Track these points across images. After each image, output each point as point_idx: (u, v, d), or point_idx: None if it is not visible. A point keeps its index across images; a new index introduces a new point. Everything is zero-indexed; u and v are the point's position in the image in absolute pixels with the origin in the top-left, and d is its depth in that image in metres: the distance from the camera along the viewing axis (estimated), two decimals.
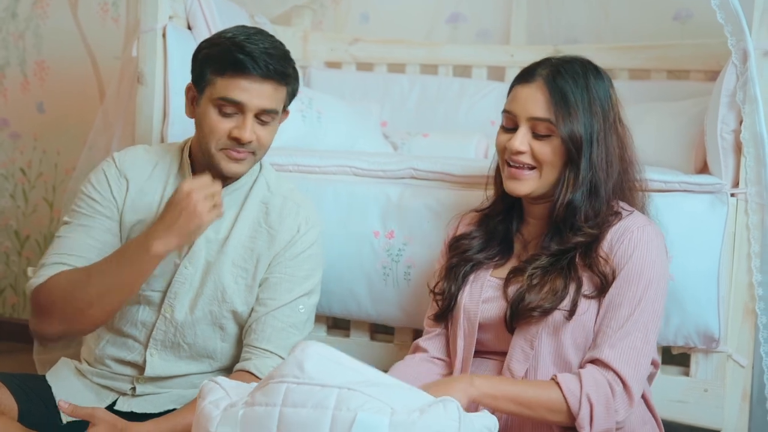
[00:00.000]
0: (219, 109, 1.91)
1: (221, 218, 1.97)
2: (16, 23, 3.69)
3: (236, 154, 1.93)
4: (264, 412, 1.39)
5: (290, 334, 1.99)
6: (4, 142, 3.74)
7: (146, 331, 2.03)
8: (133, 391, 2.03)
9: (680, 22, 3.06)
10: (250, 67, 1.88)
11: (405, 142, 2.98)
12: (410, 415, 1.36)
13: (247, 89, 1.89)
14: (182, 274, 2.00)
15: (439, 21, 3.40)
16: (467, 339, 1.86)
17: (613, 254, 1.75)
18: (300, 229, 2.03)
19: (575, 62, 1.84)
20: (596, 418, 1.64)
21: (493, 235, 1.91)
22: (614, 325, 1.71)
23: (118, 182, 2.02)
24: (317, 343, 1.48)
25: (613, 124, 1.81)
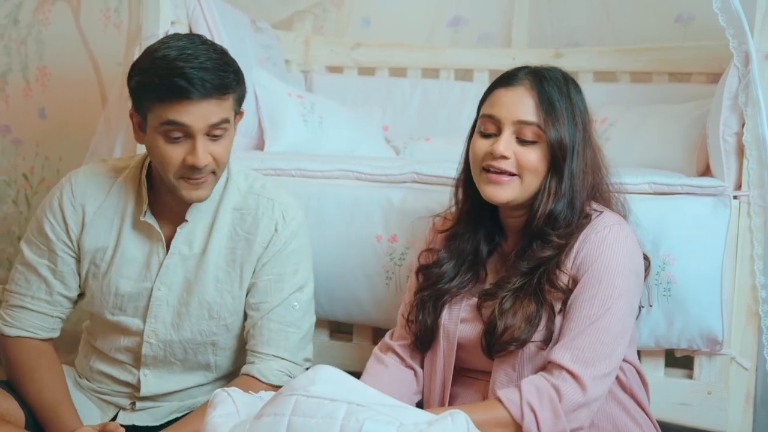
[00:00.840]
0: (165, 135, 1.78)
1: (192, 232, 1.94)
2: (18, 29, 3.69)
3: (195, 180, 1.83)
4: (272, 421, 1.39)
5: (289, 334, 1.96)
6: (7, 148, 3.74)
7: (134, 355, 2.00)
8: (132, 406, 2.02)
9: (682, 25, 3.06)
10: (187, 90, 1.74)
11: (407, 146, 2.98)
12: (418, 426, 1.36)
13: (189, 112, 1.76)
14: (158, 297, 1.96)
15: (441, 25, 3.40)
16: (446, 359, 1.84)
17: (576, 257, 1.73)
18: (278, 227, 1.96)
19: (556, 70, 1.81)
20: (543, 423, 1.63)
21: (461, 258, 1.87)
22: (572, 326, 1.69)
23: (74, 210, 1.96)
24: (329, 367, 1.48)
25: (589, 136, 1.79)
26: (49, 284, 1.98)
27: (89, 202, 1.97)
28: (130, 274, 1.96)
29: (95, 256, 1.97)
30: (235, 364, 2.04)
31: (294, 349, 1.97)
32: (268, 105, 2.81)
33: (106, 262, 1.97)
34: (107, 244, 1.96)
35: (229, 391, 1.55)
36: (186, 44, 1.79)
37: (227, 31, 2.69)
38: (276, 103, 2.82)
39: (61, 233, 1.97)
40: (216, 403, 1.52)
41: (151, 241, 1.96)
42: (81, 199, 1.97)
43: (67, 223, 1.97)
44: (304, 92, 3.06)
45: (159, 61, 1.76)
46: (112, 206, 1.97)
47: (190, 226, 1.95)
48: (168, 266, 1.95)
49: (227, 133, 1.85)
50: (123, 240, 1.96)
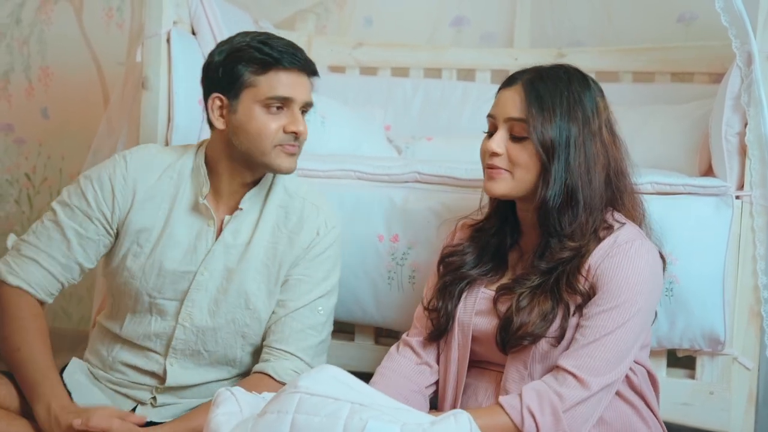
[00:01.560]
0: (267, 108, 1.92)
1: (242, 222, 1.99)
2: (20, 29, 3.69)
3: (291, 148, 1.95)
4: (276, 418, 1.39)
5: (309, 336, 1.98)
6: (9, 148, 3.75)
7: (164, 342, 2.01)
8: (153, 401, 2.01)
9: (684, 25, 3.06)
10: (289, 61, 1.90)
11: (409, 146, 2.98)
12: (421, 426, 1.36)
13: (292, 84, 1.92)
14: (199, 281, 1.98)
15: (443, 24, 3.40)
16: (461, 351, 1.86)
17: (597, 269, 1.73)
18: (320, 231, 2.02)
19: (560, 68, 1.84)
20: (543, 428, 1.64)
21: (485, 250, 1.90)
22: (586, 334, 1.71)
23: (125, 187, 2.00)
24: (332, 367, 1.48)
25: (596, 132, 1.78)
26: (71, 248, 1.99)
27: (141, 181, 2.01)
28: (175, 255, 1.98)
29: (139, 236, 1.99)
30: (256, 361, 2.04)
31: (311, 352, 1.99)
32: None
33: (152, 243, 1.99)
34: (153, 225, 1.99)
35: (233, 390, 1.55)
36: (265, 34, 1.98)
37: (229, 31, 2.68)
38: None
39: (104, 205, 1.99)
40: (219, 402, 1.52)
41: (201, 225, 1.99)
42: (134, 176, 2.01)
43: (116, 196, 1.99)
44: None
45: (252, 40, 1.93)
46: (163, 189, 2.01)
47: (243, 214, 1.99)
48: (214, 252, 1.98)
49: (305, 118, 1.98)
50: (173, 222, 1.99)
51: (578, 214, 1.76)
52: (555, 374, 1.69)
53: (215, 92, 1.95)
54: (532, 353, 1.75)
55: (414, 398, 1.87)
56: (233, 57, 1.92)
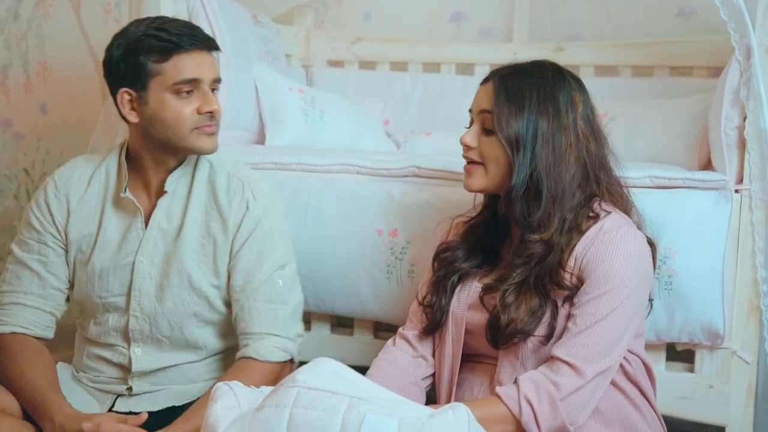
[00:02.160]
0: (177, 93, 1.90)
1: (171, 204, 2.00)
2: (18, 24, 3.69)
3: (209, 128, 1.94)
4: (274, 412, 1.39)
5: (277, 310, 1.99)
6: (8, 143, 3.74)
7: (122, 334, 2.03)
8: (129, 390, 2.04)
9: (683, 19, 3.06)
10: (189, 42, 1.90)
11: (408, 140, 2.98)
12: (419, 419, 1.36)
13: (197, 64, 1.91)
14: (140, 270, 2.00)
15: (442, 19, 3.40)
16: (455, 344, 1.86)
17: (583, 258, 1.74)
18: (248, 205, 2.01)
19: (535, 64, 1.85)
20: (541, 417, 1.64)
21: (476, 244, 1.91)
22: (577, 323, 1.71)
23: (58, 203, 2.03)
24: (330, 360, 1.48)
25: (569, 126, 1.78)
26: (41, 277, 2.02)
27: (72, 192, 2.04)
28: (111, 253, 2.01)
29: (81, 243, 2.03)
30: (225, 342, 2.06)
31: (285, 325, 1.99)
32: (269, 99, 2.81)
33: (90, 247, 2.02)
34: (91, 230, 2.02)
35: (231, 385, 1.55)
36: (156, 18, 1.97)
37: (228, 25, 2.69)
38: (277, 98, 2.82)
39: (48, 225, 2.03)
40: (217, 396, 1.52)
41: (130, 217, 2.01)
42: (65, 190, 2.04)
43: (53, 215, 2.03)
44: (304, 86, 3.05)
45: (147, 29, 1.91)
46: (94, 194, 2.04)
47: (169, 197, 2.00)
48: (148, 239, 1.99)
49: (217, 93, 1.97)
50: (104, 221, 2.02)
51: (543, 206, 1.76)
52: (550, 364, 1.70)
53: (122, 87, 1.93)
54: (524, 348, 1.76)
55: (411, 390, 1.88)
56: (133, 49, 1.90)
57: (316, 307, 2.38)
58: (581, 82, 1.86)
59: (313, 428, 1.37)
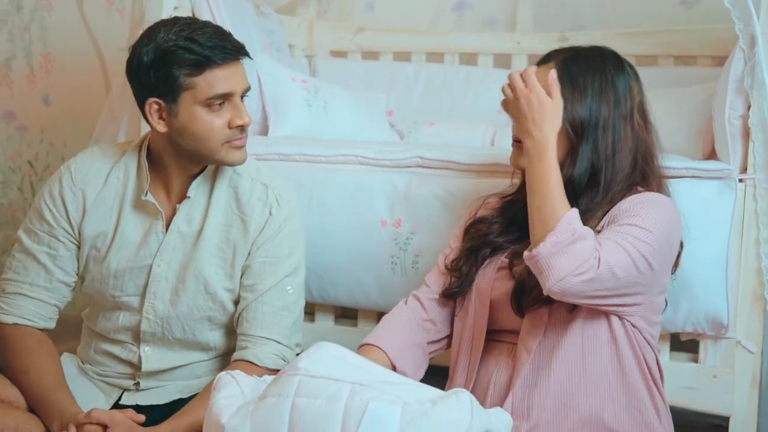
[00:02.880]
0: (209, 108, 1.87)
1: (192, 208, 1.97)
2: (21, 16, 3.68)
3: (239, 141, 1.91)
4: (276, 402, 1.40)
5: (282, 317, 1.98)
6: (12, 135, 3.74)
7: (133, 333, 2.03)
8: (137, 386, 2.04)
9: (687, 7, 3.05)
10: (221, 57, 1.86)
11: (411, 131, 2.97)
12: (422, 405, 1.36)
13: (230, 77, 1.87)
14: (157, 273, 1.98)
15: (445, 9, 3.39)
16: (478, 318, 1.86)
17: (616, 210, 1.76)
18: (272, 210, 2.00)
19: (596, 50, 1.86)
20: (558, 250, 1.65)
21: (513, 220, 1.91)
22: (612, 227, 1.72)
23: (74, 197, 2.00)
24: (330, 344, 1.49)
25: (627, 115, 1.80)
26: (49, 270, 2.00)
27: (89, 188, 2.00)
28: (127, 255, 1.99)
29: (96, 240, 2.00)
30: (234, 342, 2.05)
31: (288, 333, 1.99)
32: (272, 90, 2.81)
33: (106, 245, 1.99)
34: (108, 228, 1.99)
35: (233, 374, 1.56)
36: (189, 21, 1.91)
37: (230, 16, 2.68)
38: (280, 88, 2.82)
39: (62, 220, 1.99)
40: (220, 386, 1.52)
41: (150, 219, 1.99)
42: (81, 185, 2.00)
43: (68, 209, 1.99)
44: (308, 77, 3.05)
45: (177, 38, 1.84)
46: (112, 191, 2.00)
47: (191, 202, 1.97)
48: (168, 243, 1.98)
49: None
50: (123, 221, 1.99)
51: (596, 196, 1.78)
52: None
53: (151, 96, 1.88)
54: (549, 316, 1.76)
55: (414, 352, 1.89)
56: (164, 59, 1.84)
57: (320, 298, 2.39)
58: (636, 71, 1.87)
59: (316, 417, 1.37)
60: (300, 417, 1.37)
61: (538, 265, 1.66)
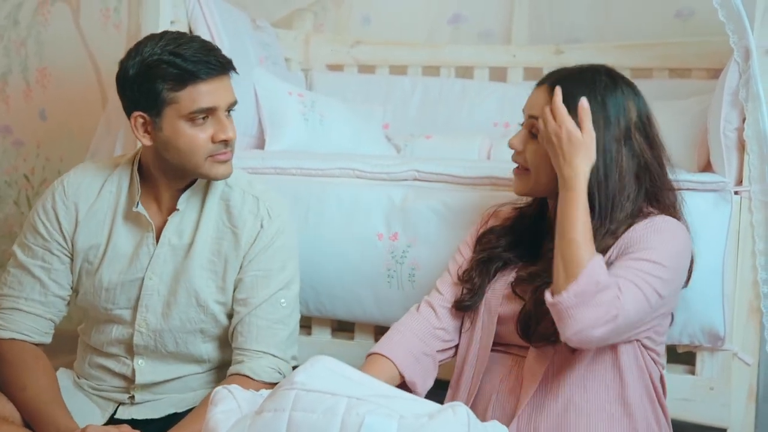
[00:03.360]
0: (192, 121, 1.87)
1: (182, 221, 1.98)
2: (17, 30, 3.69)
3: (223, 156, 1.91)
4: (273, 416, 1.39)
5: (277, 331, 1.98)
6: (8, 150, 3.75)
7: (126, 346, 2.03)
8: (131, 399, 2.04)
9: (682, 20, 3.06)
10: (206, 72, 1.85)
11: (408, 144, 2.98)
12: (419, 419, 1.36)
13: (213, 91, 1.87)
14: (148, 287, 1.99)
15: (441, 22, 3.40)
16: (485, 333, 1.86)
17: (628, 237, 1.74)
18: (263, 223, 1.99)
19: (589, 70, 1.83)
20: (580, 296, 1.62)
21: (522, 235, 1.91)
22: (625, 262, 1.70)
23: (66, 210, 2.01)
24: (326, 358, 1.48)
25: (622, 137, 1.77)
26: (44, 284, 2.00)
27: (82, 201, 2.01)
28: (119, 267, 1.99)
29: (88, 253, 2.01)
30: (228, 355, 2.04)
31: (283, 346, 1.98)
32: (269, 104, 2.81)
33: (98, 258, 2.00)
34: (100, 241, 2.00)
35: (230, 388, 1.55)
36: (175, 36, 1.89)
37: (227, 30, 2.69)
38: (276, 102, 2.82)
39: (55, 233, 2.00)
40: (217, 401, 1.52)
41: (141, 232, 1.99)
42: (74, 199, 2.01)
43: (61, 222, 2.00)
44: (304, 90, 3.05)
45: (162, 53, 1.84)
46: (104, 204, 2.01)
47: (180, 215, 1.98)
48: (159, 256, 1.98)
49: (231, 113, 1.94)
50: (114, 234, 1.99)
51: (594, 219, 1.74)
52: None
53: (136, 110, 1.89)
54: (556, 348, 1.75)
55: (424, 362, 1.88)
56: (148, 73, 1.85)
57: (316, 312, 2.38)
58: (635, 88, 1.85)
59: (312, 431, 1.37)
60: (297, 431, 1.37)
61: (558, 313, 1.64)
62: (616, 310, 1.62)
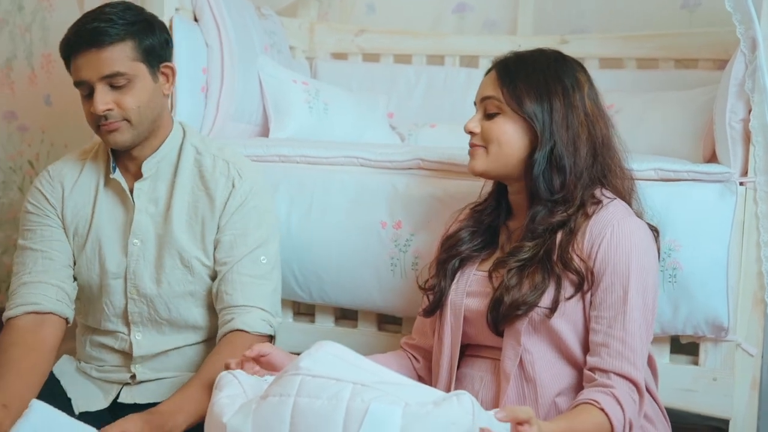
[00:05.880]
0: (81, 95, 1.95)
1: (156, 188, 2.03)
2: (22, 16, 3.69)
3: (106, 126, 1.94)
4: (278, 401, 1.40)
5: (261, 285, 2.01)
6: (13, 135, 3.75)
7: (122, 319, 2.05)
8: (133, 378, 2.05)
9: (688, 11, 3.05)
10: (76, 43, 1.92)
11: (412, 132, 2.98)
12: (424, 406, 1.36)
13: (83, 65, 1.91)
14: (133, 252, 2.02)
15: (446, 11, 3.40)
16: (453, 333, 1.86)
17: (592, 249, 1.74)
18: (234, 183, 2.03)
19: (535, 50, 1.88)
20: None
21: (479, 228, 1.92)
22: (617, 332, 1.70)
23: (52, 189, 2.07)
24: (332, 343, 1.49)
25: (578, 105, 1.80)
26: (45, 255, 2.03)
27: (66, 180, 2.07)
28: (107, 234, 2.04)
29: (77, 226, 2.05)
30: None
31: (269, 301, 2.02)
32: (273, 92, 2.81)
33: (86, 230, 2.04)
34: (86, 213, 2.05)
35: (235, 373, 1.56)
36: (97, 9, 1.98)
37: (232, 18, 2.69)
38: (281, 90, 2.82)
39: (46, 210, 2.06)
40: (222, 385, 1.53)
41: (122, 199, 2.04)
42: (59, 178, 2.08)
43: (48, 199, 2.06)
44: (308, 79, 3.05)
45: (69, 29, 1.96)
46: (87, 180, 2.07)
47: (149, 181, 2.03)
48: (139, 222, 2.02)
49: (134, 84, 1.94)
50: (98, 204, 2.05)
51: (566, 181, 1.77)
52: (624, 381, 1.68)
53: None
54: (525, 327, 1.75)
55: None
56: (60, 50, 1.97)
57: (320, 299, 2.39)
58: (582, 65, 1.88)
59: (317, 417, 1.37)
60: (301, 417, 1.37)
61: None
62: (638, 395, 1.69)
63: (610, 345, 1.70)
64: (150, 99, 1.97)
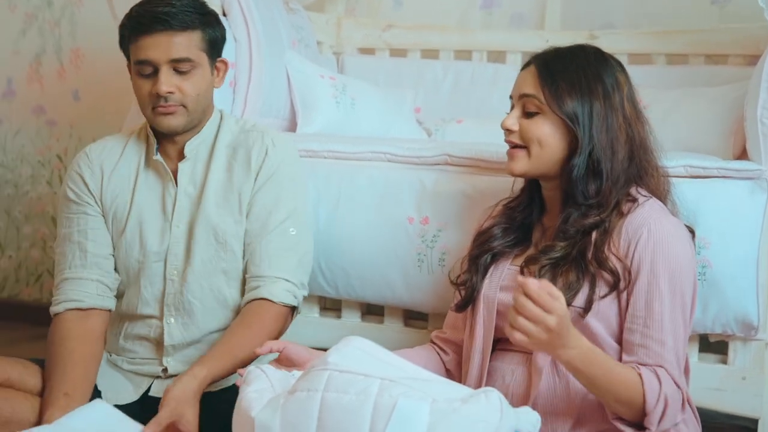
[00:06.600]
0: (139, 73, 1.99)
1: (194, 169, 2.07)
2: (51, 11, 3.72)
3: (163, 108, 1.98)
4: (306, 396, 1.40)
5: (288, 258, 2.04)
6: (41, 129, 3.78)
7: (158, 304, 2.07)
8: (164, 372, 2.06)
9: (718, 6, 3.02)
10: (149, 23, 1.95)
11: (439, 128, 2.97)
12: (451, 403, 1.36)
13: (153, 45, 1.95)
14: (176, 235, 2.05)
15: (473, 6, 3.38)
16: (486, 327, 1.86)
17: (629, 249, 1.73)
18: (268, 151, 2.07)
19: (576, 46, 1.85)
20: (666, 418, 1.64)
21: (512, 224, 1.92)
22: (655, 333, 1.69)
23: (92, 173, 2.10)
24: (360, 338, 1.49)
25: (618, 106, 1.78)
26: (82, 247, 2.06)
27: (106, 162, 2.10)
28: (147, 217, 2.07)
29: (117, 210, 2.08)
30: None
31: (295, 272, 2.05)
32: (301, 87, 2.82)
33: (125, 213, 2.07)
34: (126, 197, 2.08)
35: (263, 368, 1.56)
36: None
37: (260, 13, 2.69)
38: (308, 85, 2.82)
39: (85, 195, 2.08)
40: (250, 380, 1.53)
41: (163, 181, 2.07)
42: (98, 162, 2.11)
43: (88, 184, 2.08)
44: (336, 74, 3.05)
45: (138, 5, 2.01)
46: (127, 163, 2.10)
47: (190, 162, 2.06)
48: (181, 202, 2.05)
49: (196, 72, 2.00)
50: (138, 187, 2.08)
51: (602, 186, 1.76)
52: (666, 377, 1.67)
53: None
54: None
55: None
56: (122, 22, 2.02)
57: (346, 294, 2.39)
58: (622, 64, 1.86)
59: (345, 412, 1.37)
60: (329, 412, 1.37)
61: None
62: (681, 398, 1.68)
63: (648, 346, 1.69)
64: (207, 89, 2.04)
